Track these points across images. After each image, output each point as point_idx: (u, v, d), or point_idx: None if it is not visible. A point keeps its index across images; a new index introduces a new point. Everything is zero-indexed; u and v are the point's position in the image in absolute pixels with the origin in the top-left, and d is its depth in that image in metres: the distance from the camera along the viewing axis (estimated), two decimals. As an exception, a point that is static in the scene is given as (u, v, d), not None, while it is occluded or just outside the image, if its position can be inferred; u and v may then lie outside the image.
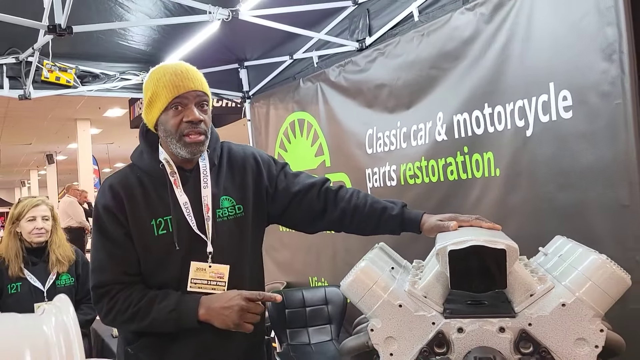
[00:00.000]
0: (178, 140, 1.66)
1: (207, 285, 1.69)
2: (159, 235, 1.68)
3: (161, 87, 1.64)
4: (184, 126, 1.64)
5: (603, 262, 1.40)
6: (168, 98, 1.63)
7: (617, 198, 2.01)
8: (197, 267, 1.69)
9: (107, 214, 1.68)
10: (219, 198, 1.75)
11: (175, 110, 1.64)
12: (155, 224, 1.68)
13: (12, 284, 2.80)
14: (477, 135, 2.56)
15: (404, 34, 2.96)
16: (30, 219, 2.83)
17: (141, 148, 1.77)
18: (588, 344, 1.38)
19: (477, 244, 1.42)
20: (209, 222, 1.71)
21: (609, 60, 2.00)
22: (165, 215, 1.69)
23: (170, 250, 1.66)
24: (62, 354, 1.18)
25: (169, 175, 1.71)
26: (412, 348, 1.48)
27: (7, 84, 3.66)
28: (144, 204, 1.69)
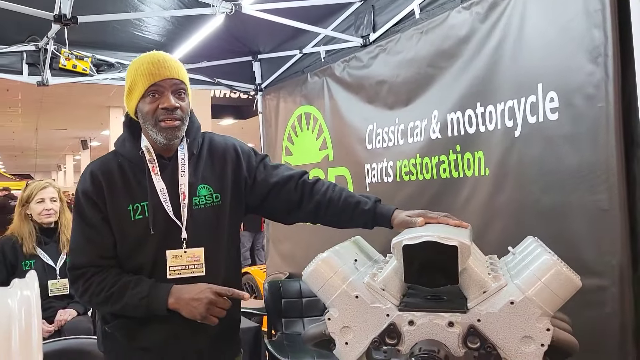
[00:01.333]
0: (154, 125, 1.71)
1: (186, 270, 1.74)
2: (135, 220, 1.72)
3: (139, 75, 1.70)
4: (159, 112, 1.70)
5: (554, 263, 1.42)
6: (145, 85, 1.69)
7: (597, 202, 2.00)
8: (173, 254, 1.74)
9: (85, 199, 1.75)
10: (196, 186, 1.79)
11: (152, 97, 1.70)
12: (132, 209, 1.73)
13: (26, 261, 2.95)
14: (469, 134, 2.57)
15: (404, 31, 2.97)
16: (39, 201, 2.96)
17: (124, 136, 1.82)
18: (534, 342, 1.40)
19: (431, 239, 1.45)
20: (185, 209, 1.75)
21: (594, 63, 2.00)
22: (142, 201, 1.73)
23: (146, 235, 1.71)
24: (22, 326, 1.26)
25: (148, 162, 1.75)
26: (366, 338, 1.53)
27: (26, 70, 3.80)
28: (123, 190, 1.74)
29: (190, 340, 1.76)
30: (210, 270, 1.76)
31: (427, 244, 1.45)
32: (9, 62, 3.76)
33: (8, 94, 11.71)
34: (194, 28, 3.71)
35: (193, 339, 1.76)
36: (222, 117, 14.50)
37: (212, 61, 4.33)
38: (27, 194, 3.00)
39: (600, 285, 2.00)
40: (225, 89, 4.93)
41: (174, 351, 1.77)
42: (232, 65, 4.46)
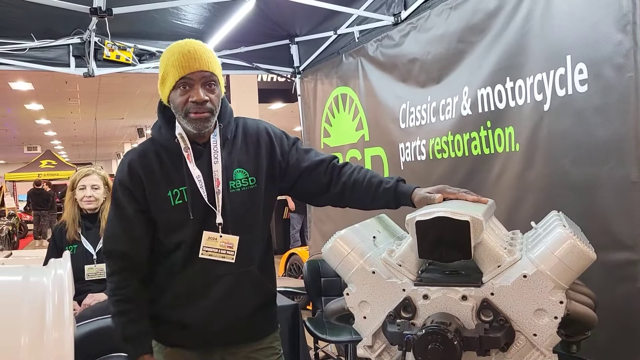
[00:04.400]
0: (184, 117, 1.77)
1: (217, 253, 1.82)
2: (176, 205, 1.81)
3: (170, 66, 1.74)
4: (189, 105, 1.75)
5: (567, 236, 1.42)
6: (175, 77, 1.73)
7: (627, 174, 1.96)
8: (209, 236, 1.81)
9: (122, 189, 1.84)
10: (232, 170, 1.85)
11: (182, 89, 1.74)
12: (172, 194, 1.81)
13: (69, 245, 3.09)
14: (499, 109, 2.53)
15: (434, 7, 2.94)
16: (82, 188, 3.10)
17: (159, 123, 1.88)
18: (548, 315, 1.41)
19: (443, 215, 1.47)
20: (219, 195, 1.82)
21: (623, 32, 1.94)
22: (181, 186, 1.81)
23: (185, 219, 1.80)
24: (55, 301, 1.37)
25: (183, 150, 1.82)
26: (383, 312, 1.57)
27: (73, 63, 3.97)
28: (162, 176, 1.82)
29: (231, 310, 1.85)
30: (241, 258, 1.83)
31: (439, 219, 1.47)
32: (57, 55, 3.94)
33: (67, 86, 12.16)
34: (230, 14, 3.78)
35: (234, 309, 1.86)
36: (271, 101, 14.63)
37: (250, 46, 4.40)
38: (72, 179, 3.14)
39: (631, 260, 1.97)
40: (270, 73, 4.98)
41: (212, 327, 1.86)
42: (270, 49, 4.51)
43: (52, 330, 1.31)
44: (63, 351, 1.31)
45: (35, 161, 20.34)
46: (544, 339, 1.41)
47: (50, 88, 12.07)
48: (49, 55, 3.93)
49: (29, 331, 1.30)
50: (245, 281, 1.85)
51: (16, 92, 12.37)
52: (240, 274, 1.84)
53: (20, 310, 1.33)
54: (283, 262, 6.68)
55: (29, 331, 1.30)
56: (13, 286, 1.45)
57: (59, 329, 1.31)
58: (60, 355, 1.30)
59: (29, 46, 3.78)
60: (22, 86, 11.80)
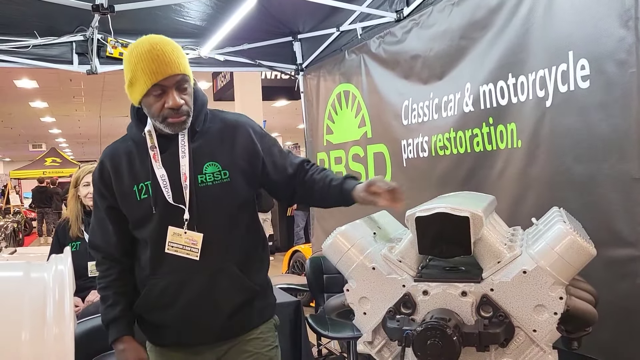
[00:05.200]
0: (161, 122, 1.71)
1: (182, 249, 1.77)
2: (141, 199, 1.78)
3: (139, 72, 1.65)
4: (166, 112, 1.69)
5: (567, 232, 1.42)
6: (147, 84, 1.65)
7: (629, 170, 1.95)
8: (174, 231, 1.77)
9: (95, 188, 1.87)
10: (202, 164, 1.79)
11: (155, 96, 1.67)
12: (137, 189, 1.78)
13: (72, 242, 3.09)
14: (501, 106, 2.53)
15: (436, 4, 2.94)
16: (85, 184, 3.09)
17: (132, 121, 1.85)
18: (547, 310, 1.41)
19: (443, 211, 1.47)
20: (186, 190, 1.76)
21: (625, 27, 1.93)
22: (146, 180, 1.78)
23: (149, 213, 1.77)
24: (56, 296, 1.38)
25: (150, 149, 1.77)
26: (383, 308, 1.57)
27: (76, 60, 3.98)
28: (128, 172, 1.80)
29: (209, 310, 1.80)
30: (214, 256, 1.77)
31: (439, 215, 1.47)
32: (60, 53, 3.95)
33: (71, 83, 12.20)
34: (232, 11, 3.78)
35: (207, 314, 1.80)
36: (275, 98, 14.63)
37: (253, 43, 4.40)
38: (76, 176, 3.14)
39: (633, 256, 1.96)
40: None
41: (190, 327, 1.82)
42: (273, 46, 4.51)
43: (53, 326, 1.33)
44: (63, 346, 1.32)
45: (40, 159, 20.41)
46: (544, 335, 1.41)
47: (54, 86, 12.11)
48: (52, 53, 3.94)
49: (30, 326, 1.31)
50: (221, 279, 1.78)
51: (21, 90, 12.42)
52: (215, 272, 1.78)
53: (21, 306, 1.34)
54: (286, 259, 6.69)
55: (30, 326, 1.31)
56: (14, 282, 1.46)
57: (59, 324, 1.33)
58: (61, 350, 1.31)
59: (32, 43, 3.79)
60: (26, 84, 11.85)
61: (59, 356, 1.31)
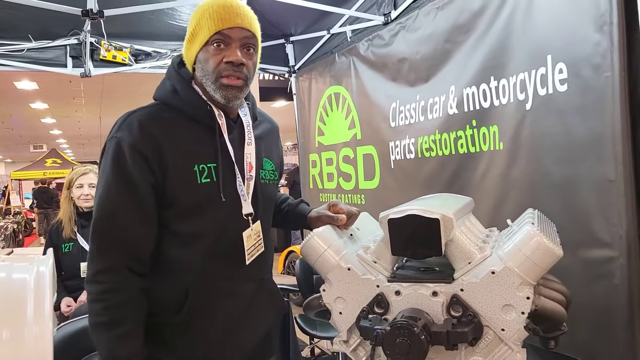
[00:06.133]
0: (214, 81, 1.45)
1: (254, 249, 1.57)
2: (202, 183, 1.46)
3: (205, 19, 1.43)
4: (222, 67, 1.43)
5: (534, 234, 1.45)
6: (210, 31, 1.42)
7: (604, 172, 1.99)
8: (248, 235, 1.53)
9: (133, 154, 1.41)
10: (262, 158, 1.60)
11: (216, 47, 1.43)
12: (199, 170, 1.46)
13: (65, 243, 3.14)
14: (484, 108, 2.57)
15: (422, 7, 2.98)
16: (79, 186, 3.14)
17: (174, 85, 1.52)
18: (515, 310, 1.44)
19: (414, 212, 1.50)
20: (251, 182, 1.54)
21: (600, 32, 1.97)
22: (209, 162, 1.47)
23: (214, 202, 1.47)
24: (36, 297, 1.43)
25: (217, 118, 1.49)
26: (358, 307, 1.60)
27: (70, 63, 4.03)
28: (185, 147, 1.46)
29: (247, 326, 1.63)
30: (253, 263, 1.58)
31: (411, 217, 1.50)
32: (55, 56, 3.99)
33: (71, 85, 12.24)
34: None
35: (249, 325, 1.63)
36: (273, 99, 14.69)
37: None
38: (69, 178, 3.18)
39: (609, 257, 2.00)
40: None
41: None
42: (266, 48, 4.53)
43: (33, 325, 1.36)
44: (43, 345, 1.36)
45: (41, 160, 20.47)
46: (512, 334, 1.44)
47: (54, 87, 12.16)
48: (46, 56, 3.98)
49: (10, 326, 1.35)
50: (262, 292, 1.62)
51: (21, 91, 12.47)
52: (259, 283, 1.61)
53: (1, 306, 1.38)
54: (282, 259, 6.73)
55: (10, 326, 1.35)
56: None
57: (39, 324, 1.36)
58: (40, 349, 1.35)
59: (27, 47, 3.83)
60: (27, 85, 11.89)
61: (39, 355, 1.35)
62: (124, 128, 1.45)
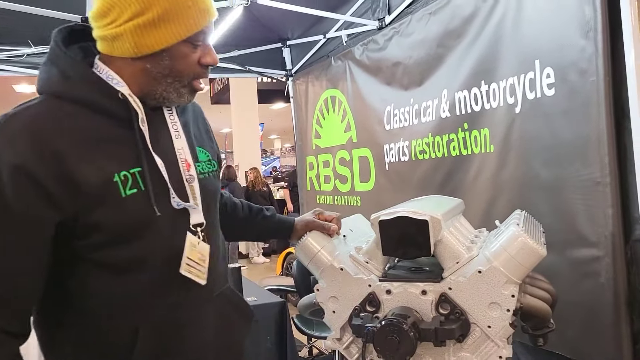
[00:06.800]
0: (185, 85, 1.21)
1: (194, 269, 1.25)
2: (128, 196, 1.14)
3: (186, 7, 1.13)
4: (199, 69, 1.21)
5: (519, 235, 1.51)
6: (199, 25, 1.15)
7: (590, 174, 2.05)
8: (191, 241, 1.24)
9: (20, 180, 1.05)
10: (195, 149, 1.33)
11: (194, 46, 1.18)
12: (120, 179, 1.14)
13: None
14: (475, 112, 2.62)
15: (415, 13, 3.03)
16: None
17: (66, 70, 1.16)
18: (500, 308, 1.50)
19: (404, 214, 1.56)
20: (193, 182, 1.25)
21: (585, 38, 2.03)
22: (131, 167, 1.16)
23: (147, 216, 1.16)
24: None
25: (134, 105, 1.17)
26: (351, 306, 1.66)
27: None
28: (97, 152, 1.13)
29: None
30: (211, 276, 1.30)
31: (401, 218, 1.56)
32: (53, 61, 4.04)
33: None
34: (220, 19, 3.88)
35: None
36: (272, 101, 14.76)
37: (243, 49, 4.50)
38: None
39: (596, 256, 2.05)
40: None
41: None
42: (263, 52, 4.60)
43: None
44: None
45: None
46: (498, 330, 1.50)
47: (52, 90, 12.24)
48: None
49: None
50: (227, 307, 1.42)
51: (20, 94, 12.53)
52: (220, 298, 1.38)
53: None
54: (280, 261, 6.78)
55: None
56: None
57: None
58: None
59: (26, 52, 3.89)
60: (25, 89, 11.96)
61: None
62: (2, 138, 1.08)
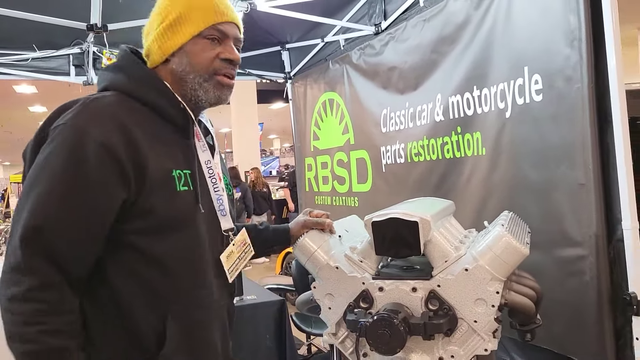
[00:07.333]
0: (207, 78, 1.30)
1: (240, 261, 1.44)
2: (180, 191, 1.25)
3: (196, 8, 1.29)
4: (219, 64, 1.31)
5: (503, 235, 1.60)
6: (206, 22, 1.29)
7: (576, 177, 2.14)
8: (227, 255, 1.38)
9: (104, 155, 1.15)
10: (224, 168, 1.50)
11: (210, 41, 1.30)
12: (177, 176, 1.25)
13: None
14: (468, 116, 2.71)
15: (410, 19, 3.12)
16: None
17: (136, 76, 1.29)
18: (486, 304, 1.59)
19: (395, 216, 1.66)
20: (223, 194, 1.40)
21: (571, 47, 2.12)
22: (185, 168, 1.28)
23: (193, 212, 1.28)
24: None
25: (192, 118, 1.32)
26: (346, 303, 1.76)
27: (73, 72, 4.18)
28: (162, 147, 1.25)
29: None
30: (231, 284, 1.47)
31: (392, 219, 1.65)
32: (58, 65, 4.14)
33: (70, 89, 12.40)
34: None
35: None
36: (271, 101, 14.85)
37: (243, 52, 4.57)
38: None
39: (581, 255, 2.14)
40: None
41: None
42: (263, 55, 4.69)
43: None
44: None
45: (40, 162, 20.55)
46: (483, 325, 1.59)
47: (53, 91, 12.31)
48: (50, 65, 4.13)
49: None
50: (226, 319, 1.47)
51: (20, 95, 12.62)
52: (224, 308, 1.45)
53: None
54: (279, 260, 6.87)
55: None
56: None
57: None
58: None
59: (31, 56, 3.98)
60: (26, 89, 12.05)
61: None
62: (87, 117, 1.18)
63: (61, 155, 1.15)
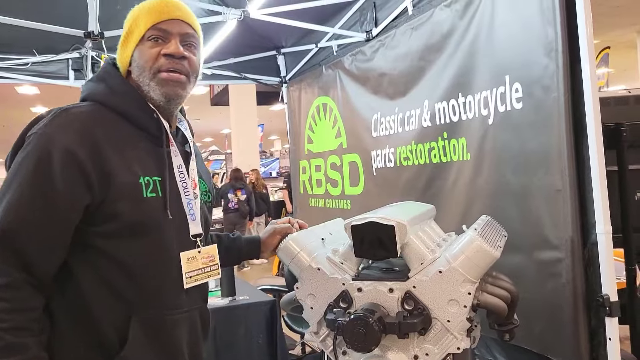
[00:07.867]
0: (152, 77, 1.33)
1: (202, 274, 1.44)
2: (147, 197, 1.30)
3: (141, 16, 1.35)
4: (161, 61, 1.33)
5: (475, 239, 1.68)
6: (147, 25, 1.33)
7: (553, 183, 2.21)
8: (188, 256, 1.39)
9: (68, 161, 1.21)
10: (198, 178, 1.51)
11: (153, 42, 1.34)
12: (144, 182, 1.29)
13: None
14: (453, 122, 2.79)
15: (399, 27, 3.20)
16: None
17: (114, 86, 1.35)
18: (458, 304, 1.67)
19: (373, 220, 1.73)
20: (196, 200, 1.43)
21: (548, 57, 2.20)
22: (154, 175, 1.32)
23: (161, 218, 1.32)
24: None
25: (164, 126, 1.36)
26: (326, 303, 1.83)
27: (72, 76, 4.27)
28: (130, 155, 1.30)
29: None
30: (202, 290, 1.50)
31: (370, 223, 1.73)
32: (57, 69, 4.24)
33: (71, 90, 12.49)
34: (214, 32, 4.05)
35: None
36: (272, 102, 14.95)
37: (239, 57, 4.67)
38: None
39: (557, 258, 2.22)
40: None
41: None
42: (258, 59, 4.78)
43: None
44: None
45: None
46: (456, 324, 1.67)
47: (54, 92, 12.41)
48: (50, 69, 4.22)
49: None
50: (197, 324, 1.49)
51: (22, 95, 12.73)
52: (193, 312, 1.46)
53: None
54: (276, 261, 6.95)
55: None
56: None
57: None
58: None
59: (31, 61, 4.07)
60: (28, 90, 12.15)
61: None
62: (58, 125, 1.24)
63: (31, 162, 1.22)
